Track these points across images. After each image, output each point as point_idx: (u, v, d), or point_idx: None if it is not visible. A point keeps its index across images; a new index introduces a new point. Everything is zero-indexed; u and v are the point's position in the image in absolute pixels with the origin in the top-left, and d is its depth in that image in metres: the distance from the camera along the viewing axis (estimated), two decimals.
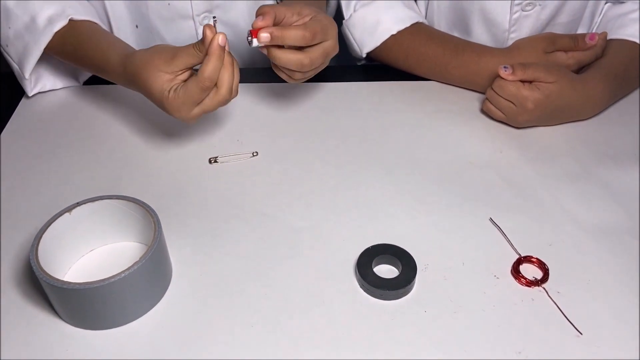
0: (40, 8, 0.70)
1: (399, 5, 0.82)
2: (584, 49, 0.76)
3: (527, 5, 0.79)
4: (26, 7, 0.71)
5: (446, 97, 0.81)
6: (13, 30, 0.72)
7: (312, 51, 0.63)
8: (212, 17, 0.82)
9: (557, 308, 0.54)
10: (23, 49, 0.72)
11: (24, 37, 0.72)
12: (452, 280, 0.56)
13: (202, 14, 0.82)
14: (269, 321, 0.53)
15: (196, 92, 0.59)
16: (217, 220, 0.62)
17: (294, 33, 0.61)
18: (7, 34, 0.73)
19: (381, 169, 0.69)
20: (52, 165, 0.69)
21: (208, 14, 0.82)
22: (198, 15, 0.81)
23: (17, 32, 0.72)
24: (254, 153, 0.71)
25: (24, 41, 0.72)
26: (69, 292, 0.48)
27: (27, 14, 0.71)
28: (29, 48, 0.72)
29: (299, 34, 0.61)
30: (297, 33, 0.61)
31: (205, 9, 0.81)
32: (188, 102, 0.60)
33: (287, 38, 0.61)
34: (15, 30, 0.72)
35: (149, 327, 0.52)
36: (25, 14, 0.71)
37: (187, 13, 0.81)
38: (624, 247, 0.60)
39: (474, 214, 0.63)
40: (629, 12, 0.80)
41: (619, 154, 0.71)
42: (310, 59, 0.63)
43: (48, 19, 0.70)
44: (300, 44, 0.62)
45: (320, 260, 0.58)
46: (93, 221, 0.56)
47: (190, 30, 0.82)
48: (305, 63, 0.63)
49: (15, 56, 0.74)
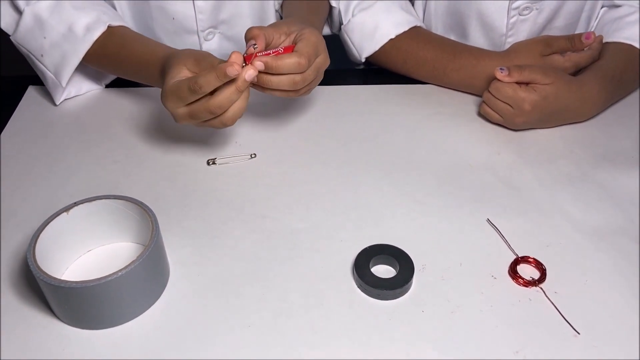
0: (77, 17, 0.72)
1: (397, 9, 0.82)
2: (580, 48, 0.76)
3: (524, 9, 0.79)
4: (61, 17, 0.72)
5: (444, 100, 0.81)
6: (49, 41, 0.73)
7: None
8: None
9: (555, 308, 0.54)
10: (61, 58, 0.73)
11: (62, 46, 0.73)
12: (450, 280, 0.56)
13: (207, 30, 0.82)
14: (267, 322, 0.53)
15: (183, 89, 0.58)
16: (215, 221, 0.62)
17: (289, 62, 0.59)
18: (42, 44, 0.73)
19: (379, 171, 0.69)
20: (51, 166, 0.69)
21: (213, 30, 0.83)
22: (203, 31, 0.82)
23: (54, 42, 0.73)
24: (252, 155, 0.71)
25: (61, 50, 0.73)
26: (66, 291, 0.48)
27: (63, 23, 0.72)
28: (68, 56, 0.73)
29: (294, 62, 0.60)
30: (292, 62, 0.60)
31: (210, 25, 0.82)
32: (174, 95, 0.59)
33: (282, 68, 0.60)
34: (51, 40, 0.73)
35: (145, 327, 0.52)
36: (61, 24, 0.72)
37: (192, 28, 0.81)
38: (621, 248, 0.60)
39: (471, 215, 0.63)
40: (625, 15, 0.80)
41: (616, 156, 0.71)
42: (302, 77, 0.62)
43: (86, 27, 0.72)
44: (296, 71, 0.60)
45: (318, 260, 0.58)
46: (91, 221, 0.56)
47: (195, 46, 0.83)
48: (297, 80, 0.61)
49: (52, 65, 0.74)
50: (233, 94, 0.58)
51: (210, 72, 0.56)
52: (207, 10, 0.80)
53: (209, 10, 0.80)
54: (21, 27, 0.73)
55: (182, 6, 0.79)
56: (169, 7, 0.79)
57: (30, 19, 0.73)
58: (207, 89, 0.57)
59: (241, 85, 0.57)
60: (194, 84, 0.57)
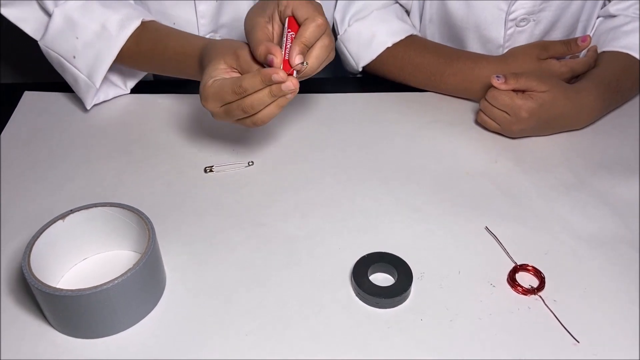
0: (109, 15, 0.71)
1: (393, 18, 0.83)
2: (577, 51, 0.77)
3: (521, 21, 0.80)
4: (93, 16, 0.71)
5: (441, 107, 0.81)
6: (82, 41, 0.71)
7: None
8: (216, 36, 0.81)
9: (554, 316, 0.53)
10: (94, 58, 0.72)
11: (95, 45, 0.71)
12: (448, 288, 0.56)
13: (208, 34, 0.82)
14: (265, 330, 0.52)
15: (227, 92, 0.57)
16: (213, 229, 0.62)
17: (312, 31, 0.58)
18: (74, 45, 0.72)
19: (377, 179, 0.69)
20: (47, 173, 0.69)
21: (214, 34, 0.83)
22: (204, 35, 0.82)
23: (87, 41, 0.71)
24: (249, 163, 0.71)
25: (95, 49, 0.71)
26: (61, 300, 0.48)
27: (96, 21, 0.71)
28: (102, 55, 0.71)
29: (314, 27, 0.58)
30: (313, 30, 0.58)
31: (212, 29, 0.82)
32: (216, 96, 0.58)
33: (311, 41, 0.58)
34: (84, 40, 0.71)
35: (142, 336, 0.52)
36: (94, 22, 0.71)
37: (193, 32, 0.81)
38: (619, 255, 0.60)
39: (470, 223, 0.63)
40: (620, 25, 0.81)
41: (613, 164, 0.72)
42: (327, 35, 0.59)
43: (119, 23, 0.70)
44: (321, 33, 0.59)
45: (315, 268, 0.58)
46: (87, 229, 0.56)
47: None
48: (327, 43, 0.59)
49: (85, 67, 0.73)
50: (266, 96, 0.57)
51: (256, 76, 0.56)
52: (208, 14, 0.80)
53: (210, 14, 0.80)
54: (50, 30, 0.72)
55: (184, 11, 0.79)
56: (170, 11, 0.79)
57: (61, 20, 0.71)
58: (250, 92, 0.57)
59: (275, 90, 0.57)
60: (238, 87, 0.57)
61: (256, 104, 0.58)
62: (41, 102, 0.80)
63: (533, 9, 0.78)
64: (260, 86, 0.57)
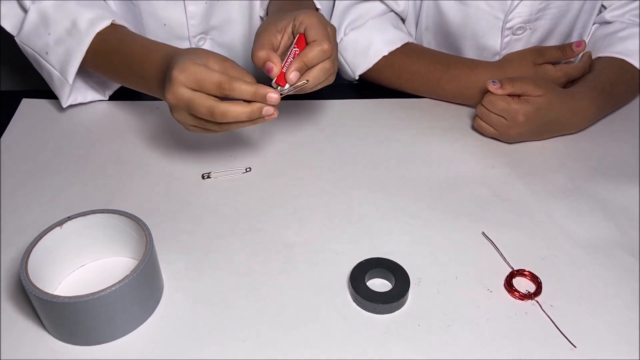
0: (81, 12, 0.71)
1: (388, 27, 0.83)
2: (572, 56, 0.78)
3: (517, 29, 0.80)
4: (65, 12, 0.71)
5: (438, 114, 0.82)
6: (53, 36, 0.71)
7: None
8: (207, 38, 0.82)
9: (551, 321, 0.54)
10: (65, 53, 0.72)
11: (66, 41, 0.71)
12: (446, 294, 0.56)
13: (198, 36, 0.83)
14: (262, 336, 0.52)
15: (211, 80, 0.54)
16: (210, 235, 0.62)
17: (316, 53, 0.58)
18: (46, 41, 0.72)
19: (374, 185, 0.69)
20: (44, 180, 0.69)
21: (204, 36, 0.83)
22: (194, 37, 0.82)
23: (58, 37, 0.71)
24: (247, 169, 0.71)
25: (65, 45, 0.71)
26: (58, 306, 0.47)
27: (68, 18, 0.71)
28: (72, 51, 0.71)
29: (319, 51, 0.58)
30: (317, 52, 0.58)
31: (202, 31, 0.83)
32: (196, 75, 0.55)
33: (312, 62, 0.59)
34: (55, 36, 0.71)
35: (139, 343, 0.52)
36: (66, 18, 0.71)
37: (183, 34, 0.82)
38: (616, 260, 0.60)
39: (466, 229, 0.63)
40: (616, 31, 0.82)
41: (609, 169, 0.72)
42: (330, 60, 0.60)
43: (90, 21, 0.70)
44: (325, 58, 0.59)
45: (313, 274, 0.58)
46: (84, 236, 0.56)
47: None
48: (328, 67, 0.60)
49: (57, 62, 0.73)
50: (244, 115, 0.55)
51: (252, 85, 0.54)
52: (198, 15, 0.80)
53: (200, 15, 0.80)
54: (26, 26, 0.72)
55: (174, 12, 0.79)
56: (160, 12, 0.79)
57: (35, 16, 0.72)
58: (233, 96, 0.55)
59: (256, 111, 0.56)
60: (228, 83, 0.54)
61: (230, 115, 0.55)
62: (39, 109, 0.80)
63: (530, 17, 0.79)
64: (248, 97, 0.55)
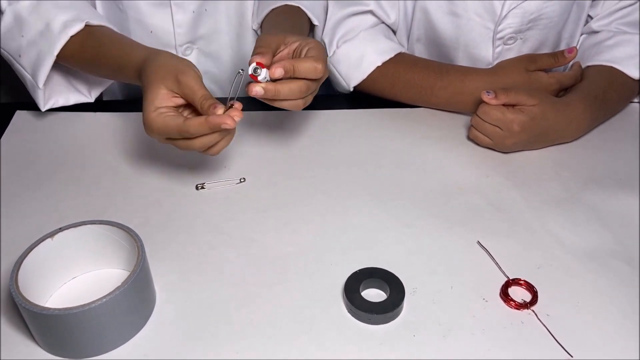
0: (55, 15, 0.70)
1: (381, 38, 0.83)
2: (564, 63, 0.78)
3: (508, 39, 0.81)
4: (40, 14, 0.70)
5: (433, 123, 0.82)
6: (26, 39, 0.71)
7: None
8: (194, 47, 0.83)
9: (547, 330, 0.53)
10: (36, 56, 0.71)
11: (38, 44, 0.70)
12: (441, 303, 0.56)
13: (184, 45, 0.83)
14: (255, 348, 0.52)
15: (172, 130, 0.58)
16: (204, 246, 0.62)
17: (306, 66, 0.59)
18: (20, 44, 0.71)
19: (369, 195, 0.69)
20: (38, 192, 0.68)
21: (191, 45, 0.83)
22: (181, 46, 0.83)
23: (31, 40, 0.71)
24: (241, 179, 0.71)
25: (37, 48, 0.71)
26: (48, 319, 0.47)
27: (41, 20, 0.70)
28: (43, 54, 0.70)
29: (311, 66, 0.60)
30: (309, 66, 0.59)
31: (189, 40, 0.83)
32: (162, 133, 0.59)
33: (299, 71, 0.60)
34: (28, 39, 0.71)
35: (131, 356, 0.51)
36: (39, 21, 0.70)
37: (170, 43, 0.82)
38: (612, 269, 0.59)
39: (462, 238, 0.63)
40: (604, 40, 0.83)
41: (604, 178, 0.72)
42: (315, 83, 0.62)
43: (63, 23, 0.70)
44: (311, 76, 0.60)
45: (307, 285, 0.58)
46: (76, 247, 0.55)
47: None
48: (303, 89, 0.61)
49: (29, 65, 0.72)
50: (215, 137, 0.58)
51: (203, 123, 0.56)
52: (185, 24, 0.80)
53: (188, 24, 0.81)
54: (1, 28, 0.72)
55: (161, 20, 0.79)
56: (147, 20, 0.79)
57: (11, 19, 0.71)
58: (197, 135, 0.57)
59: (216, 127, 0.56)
60: (184, 131, 0.57)
61: (207, 143, 0.59)
62: (32, 121, 0.80)
63: (520, 27, 0.79)
64: (206, 131, 0.57)
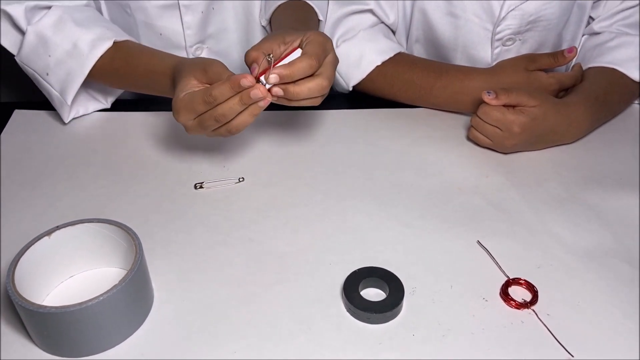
0: (81, 34, 0.71)
1: (380, 37, 0.83)
2: (564, 62, 0.78)
3: (507, 40, 0.81)
4: (65, 35, 0.72)
5: (432, 123, 0.81)
6: (54, 58, 0.72)
7: (325, 70, 0.61)
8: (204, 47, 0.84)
9: (547, 330, 0.53)
10: (66, 75, 0.72)
11: (67, 63, 0.72)
12: (441, 303, 0.55)
13: (194, 45, 0.83)
14: (254, 348, 0.51)
15: (198, 101, 0.58)
16: (202, 245, 0.61)
17: (301, 66, 0.59)
18: (47, 63, 0.73)
19: (368, 195, 0.69)
20: (36, 191, 0.68)
21: (200, 45, 0.83)
22: (191, 46, 0.83)
23: (59, 59, 0.72)
24: (240, 179, 0.71)
25: (66, 67, 0.72)
26: (45, 317, 0.46)
27: (68, 40, 0.72)
28: (73, 73, 0.72)
29: (306, 64, 0.59)
30: (304, 65, 0.59)
31: (198, 40, 0.83)
32: (187, 108, 0.59)
33: (295, 74, 0.59)
34: (56, 58, 0.72)
35: (128, 355, 0.50)
36: (66, 41, 0.72)
37: (180, 44, 0.82)
38: (612, 269, 0.59)
39: (461, 238, 0.63)
40: (605, 41, 0.82)
41: (604, 178, 0.72)
42: (327, 78, 0.61)
43: (91, 43, 0.71)
44: (309, 73, 0.60)
45: (306, 284, 0.57)
46: (73, 246, 0.55)
47: None
48: (325, 85, 0.61)
49: (57, 84, 0.74)
50: (237, 104, 0.58)
51: (225, 83, 0.57)
52: (194, 25, 0.81)
53: (197, 25, 0.81)
54: (25, 47, 0.73)
55: (170, 22, 0.79)
56: (156, 22, 0.79)
57: (34, 38, 0.72)
58: (220, 100, 0.57)
59: (245, 98, 0.57)
60: (208, 95, 0.57)
61: (228, 113, 0.58)
62: (31, 120, 0.80)
63: (519, 28, 0.79)
64: (229, 93, 0.57)
